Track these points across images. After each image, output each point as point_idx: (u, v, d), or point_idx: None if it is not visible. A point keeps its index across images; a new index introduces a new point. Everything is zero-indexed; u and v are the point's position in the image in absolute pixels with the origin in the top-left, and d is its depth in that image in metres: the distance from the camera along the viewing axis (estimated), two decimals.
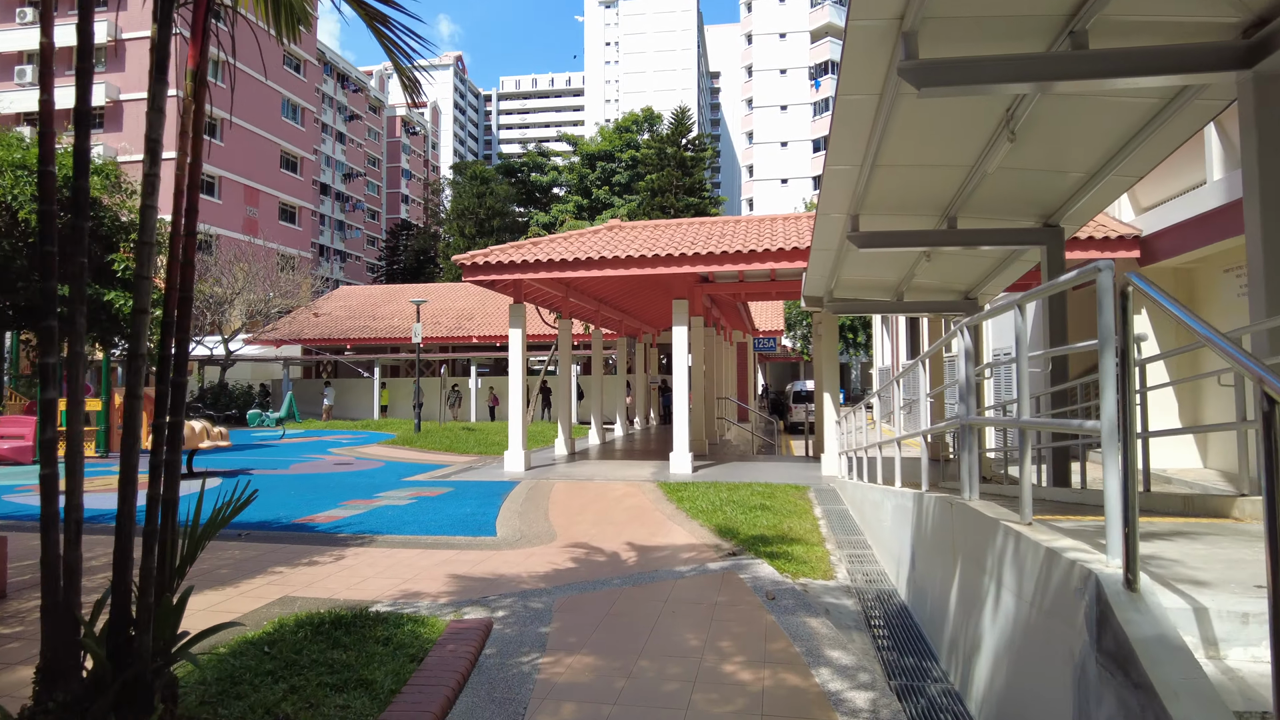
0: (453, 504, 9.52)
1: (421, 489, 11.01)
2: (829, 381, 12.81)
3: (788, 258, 12.28)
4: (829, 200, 7.54)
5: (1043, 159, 6.57)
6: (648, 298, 20.78)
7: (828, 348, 13.05)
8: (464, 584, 5.70)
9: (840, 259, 9.41)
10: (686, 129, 47.12)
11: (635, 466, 13.77)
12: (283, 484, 11.64)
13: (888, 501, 6.30)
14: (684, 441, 12.99)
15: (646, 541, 7.20)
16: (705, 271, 12.78)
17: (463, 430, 21.20)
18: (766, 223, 14.56)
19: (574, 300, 17.04)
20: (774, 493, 10.24)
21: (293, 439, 20.61)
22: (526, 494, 10.39)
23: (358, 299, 36.99)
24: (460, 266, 13.24)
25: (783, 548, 6.90)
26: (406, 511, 8.93)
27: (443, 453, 16.95)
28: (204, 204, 38.48)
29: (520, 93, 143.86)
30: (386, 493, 10.63)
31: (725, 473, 12.87)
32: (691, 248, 12.59)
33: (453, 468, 14.04)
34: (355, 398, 31.78)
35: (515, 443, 13.53)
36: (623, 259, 12.68)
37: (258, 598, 5.33)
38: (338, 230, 72.10)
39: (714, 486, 10.73)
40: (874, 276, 10.57)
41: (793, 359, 54.74)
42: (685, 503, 9.31)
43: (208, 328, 29.54)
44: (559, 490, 10.78)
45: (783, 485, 11.13)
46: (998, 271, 9.74)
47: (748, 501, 9.23)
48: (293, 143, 46.10)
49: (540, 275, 13.01)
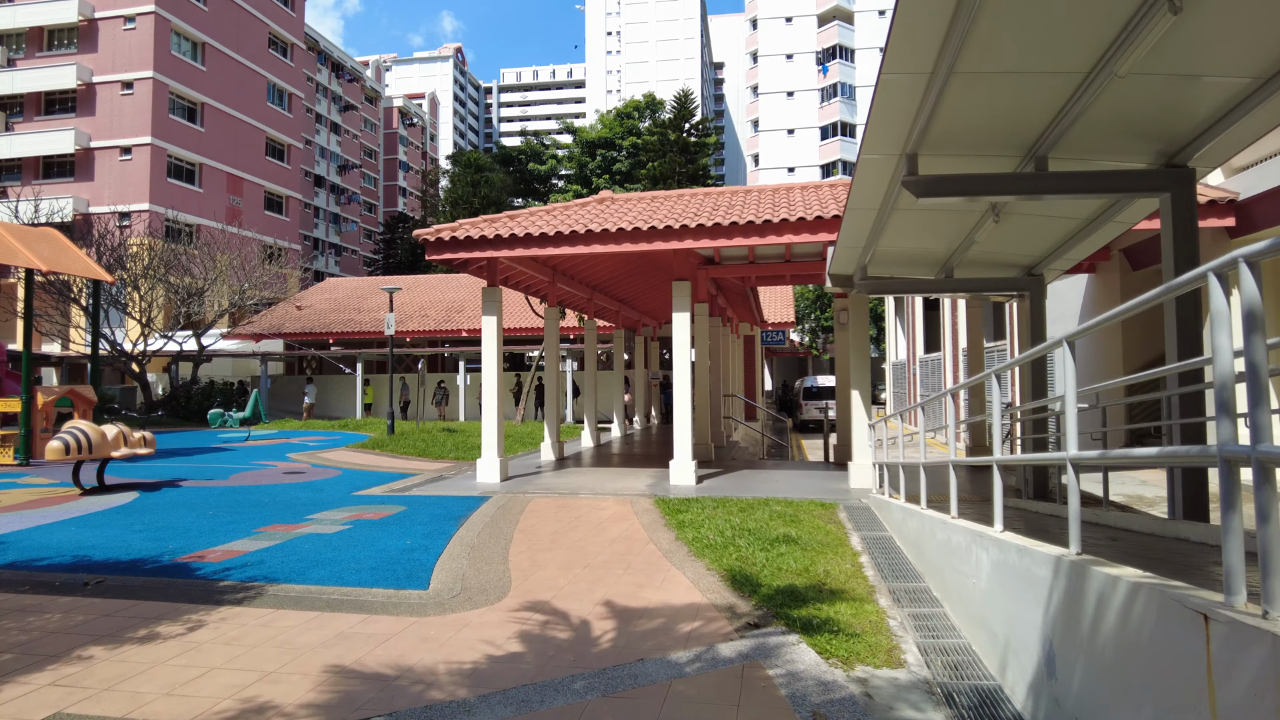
0: (393, 532, 7.56)
1: (366, 508, 9.05)
2: (858, 377, 10.83)
3: (808, 229, 10.29)
4: (878, 133, 5.54)
5: (1186, 58, 4.56)
6: (646, 283, 18.79)
7: (857, 337, 11.05)
8: (345, 687, 3.74)
9: (882, 222, 7.41)
10: (690, 112, 45.02)
11: (630, 476, 11.81)
12: (205, 500, 9.71)
13: (981, 553, 4.32)
14: (686, 447, 11.02)
15: (633, 599, 5.23)
16: (710, 248, 10.81)
17: (443, 432, 19.26)
18: (781, 192, 12.55)
19: (563, 286, 15.06)
20: (797, 514, 8.26)
21: (260, 440, 18.71)
22: (491, 516, 8.43)
23: (343, 291, 35.09)
24: (423, 244, 11.28)
25: (822, 608, 4.93)
26: (328, 544, 6.98)
27: (414, 458, 15.01)
28: (183, 192, 36.61)
29: (520, 85, 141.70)
30: (322, 514, 8.69)
31: (735, 484, 10.90)
32: (695, 219, 10.62)
33: (419, 478, 12.10)
34: (339, 396, 29.87)
35: (489, 449, 11.58)
36: (613, 233, 10.70)
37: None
38: (333, 224, 70.27)
39: (722, 505, 8.75)
40: (920, 246, 8.57)
41: (800, 354, 52.72)
42: (687, 530, 7.34)
43: (180, 321, 27.64)
44: (533, 510, 8.81)
45: (806, 503, 9.14)
46: (1082, 236, 7.73)
47: (767, 529, 7.25)
48: (279, 129, 44.14)
49: (518, 253, 11.04)
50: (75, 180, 35.15)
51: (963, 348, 24.57)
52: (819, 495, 9.84)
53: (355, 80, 74.40)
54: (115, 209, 32.92)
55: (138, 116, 34.81)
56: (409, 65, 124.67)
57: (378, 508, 9.09)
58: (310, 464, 13.94)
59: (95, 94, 35.24)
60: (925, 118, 5.18)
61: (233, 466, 13.56)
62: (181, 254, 27.64)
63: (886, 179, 6.41)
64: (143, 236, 28.94)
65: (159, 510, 8.93)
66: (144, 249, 26.83)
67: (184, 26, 36.48)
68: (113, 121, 35.04)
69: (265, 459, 14.77)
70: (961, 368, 24.49)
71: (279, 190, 44.14)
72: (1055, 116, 5.35)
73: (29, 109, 35.89)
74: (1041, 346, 3.61)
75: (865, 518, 8.50)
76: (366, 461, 14.40)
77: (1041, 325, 9.12)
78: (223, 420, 19.09)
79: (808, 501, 9.24)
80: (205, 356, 27.79)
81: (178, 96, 36.55)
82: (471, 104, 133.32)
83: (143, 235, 29.14)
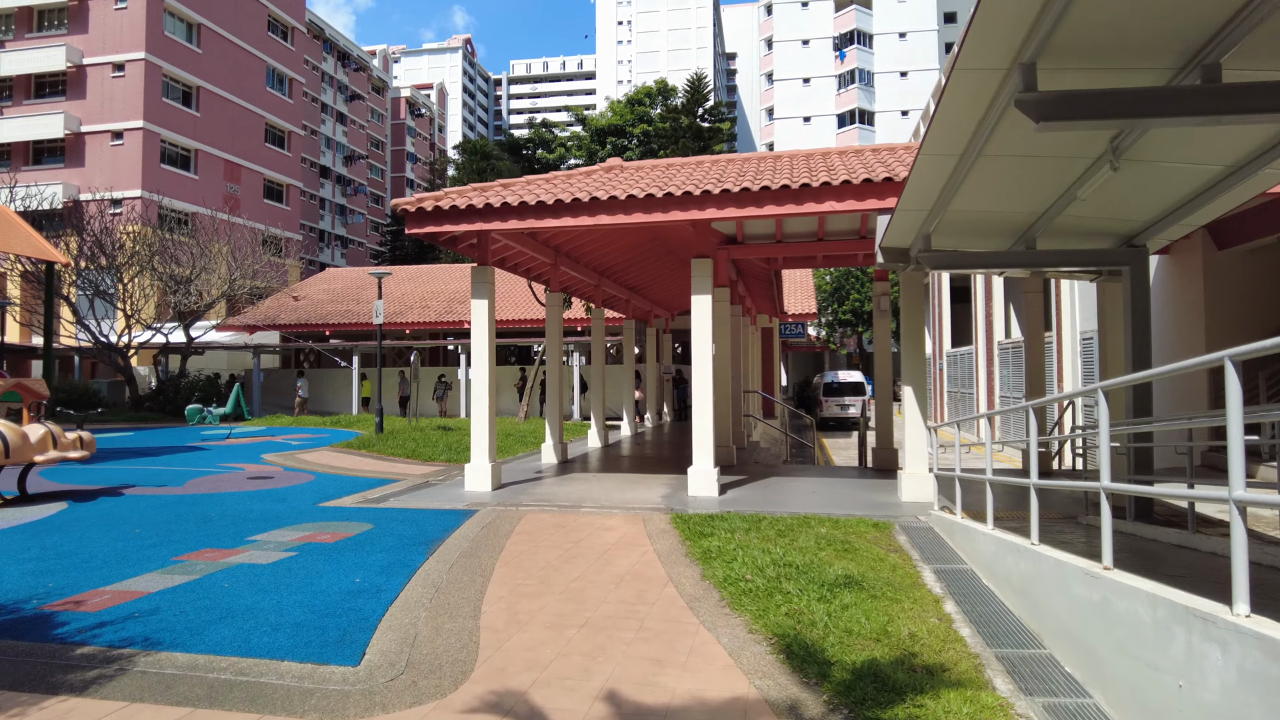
0: (344, 563, 6.01)
1: (325, 526, 7.52)
2: (911, 371, 9.18)
3: (853, 195, 8.67)
4: (984, 35, 3.92)
5: None
6: (659, 269, 17.19)
7: (910, 324, 9.38)
8: None
9: (962, 172, 5.77)
10: (704, 96, 43.28)
11: (641, 484, 10.24)
12: (138, 515, 8.21)
13: (1207, 648, 2.70)
14: (707, 451, 9.42)
15: (649, 687, 3.65)
16: (735, 218, 9.20)
17: (438, 430, 17.74)
18: (816, 157, 10.90)
19: (567, 270, 13.48)
20: (850, 540, 6.66)
21: (241, 438, 17.27)
22: (472, 540, 6.87)
23: (342, 282, 33.65)
24: (403, 215, 9.72)
25: (925, 704, 3.34)
26: (255, 583, 5.44)
27: (402, 460, 13.49)
28: (178, 179, 35.25)
29: (530, 76, 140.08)
30: (269, 534, 7.16)
31: (764, 495, 9.30)
32: (718, 184, 9.02)
33: (400, 485, 10.57)
34: (335, 390, 28.47)
35: (479, 452, 10.03)
36: (623, 201, 9.11)
37: None
38: (339, 215, 69.01)
39: (755, 525, 7.15)
40: (1000, 207, 6.92)
41: (817, 348, 50.88)
42: (716, 564, 5.76)
43: (172, 312, 26.24)
44: (525, 531, 7.25)
45: (854, 522, 7.54)
46: (1216, 191, 6.06)
47: (818, 564, 5.65)
48: (279, 115, 42.74)
49: (511, 225, 9.47)
50: (66, 166, 33.87)
51: (998, 341, 22.84)
52: (867, 511, 8.23)
53: (362, 70, 72.98)
54: (106, 196, 31.54)
55: (129, 100, 33.45)
56: (418, 57, 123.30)
57: (339, 526, 7.55)
58: (284, 467, 12.43)
59: (86, 76, 33.90)
60: (1057, 10, 3.59)
61: (196, 470, 12.07)
62: (169, 241, 26.22)
63: (984, 104, 4.78)
64: (125, 223, 27.56)
65: (74, 529, 7.42)
66: (128, 236, 25.45)
67: (177, 6, 35.08)
68: (104, 105, 33.69)
69: (236, 461, 13.29)
70: (996, 363, 22.76)
71: (279, 178, 42.75)
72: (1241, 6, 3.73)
73: (17, 92, 34.59)
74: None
75: (931, 543, 6.89)
76: (347, 464, 12.90)
77: (1144, 311, 7.45)
78: (201, 417, 17.64)
79: (856, 520, 7.63)
80: (194, 349, 26.41)
81: (171, 79, 35.17)
82: (481, 95, 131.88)
83: (126, 223, 27.76)
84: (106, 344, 24.78)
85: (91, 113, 33.82)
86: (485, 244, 10.24)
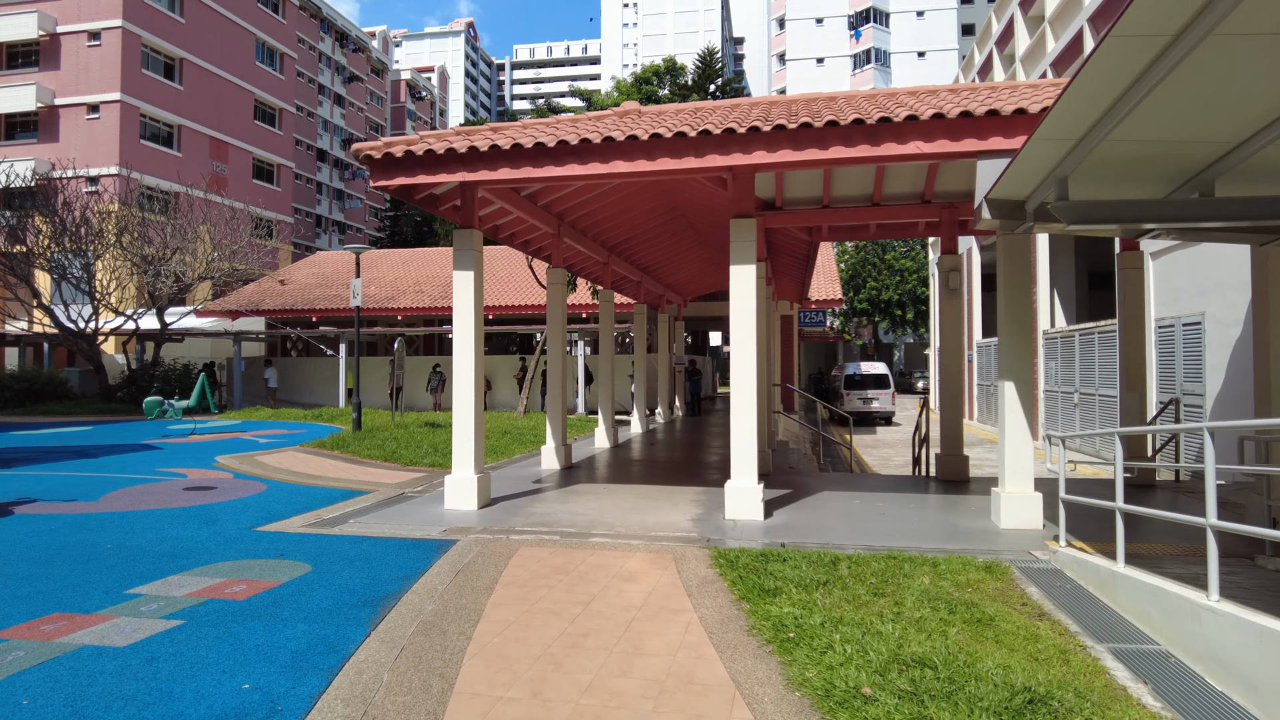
0: (241, 646, 4.04)
1: (244, 569, 5.55)
2: (1013, 361, 7.15)
3: (945, 132, 6.65)
4: None
5: None
6: (675, 245, 15.16)
7: (1013, 299, 7.31)
8: None
9: (1164, 66, 3.74)
10: (716, 73, 41.03)
11: (664, 500, 8.26)
12: (6, 545, 6.26)
13: None
14: (749, 462, 7.40)
15: None
16: (788, 163, 7.16)
17: (425, 427, 15.77)
18: (881, 97, 8.75)
19: (571, 243, 11.46)
20: (975, 603, 4.67)
21: (206, 434, 15.34)
22: (437, 602, 4.87)
23: (333, 265, 31.67)
24: (366, 164, 7.70)
25: None
26: (80, 693, 3.47)
27: (378, 465, 11.53)
28: (160, 156, 33.22)
29: (534, 61, 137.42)
30: (162, 582, 5.20)
31: (819, 517, 7.31)
32: (767, 121, 7.00)
33: (367, 499, 8.61)
34: (322, 380, 26.49)
35: (463, 461, 8.05)
36: (643, 142, 7.09)
37: None
38: (336, 200, 67.01)
39: (833, 574, 5.16)
40: (1189, 131, 4.87)
41: (830, 338, 48.74)
42: (804, 661, 3.75)
43: (149, 296, 24.24)
44: (511, 583, 5.26)
45: (955, 562, 5.55)
46: None
47: (962, 662, 3.63)
48: (270, 91, 40.62)
49: (503, 175, 7.45)
50: (39, 141, 31.83)
51: (1043, 330, 20.78)
52: (963, 544, 6.26)
53: (360, 51, 70.74)
54: (81, 173, 29.48)
55: (106, 70, 31.37)
56: (419, 40, 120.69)
57: (266, 567, 5.58)
58: (234, 473, 10.47)
59: (60, 45, 31.81)
60: None
61: (127, 478, 10.12)
62: (139, 219, 24.19)
63: None
64: (101, 202, 25.55)
65: None
66: (94, 213, 23.46)
67: None
68: (79, 76, 31.62)
69: (183, 465, 11.34)
70: (1041, 354, 20.70)
71: (269, 157, 40.68)
72: None
73: None
74: None
75: (1077, 600, 4.92)
76: (311, 469, 10.93)
77: None
78: (161, 410, 15.70)
79: (958, 561, 5.65)
80: (168, 335, 24.45)
81: (152, 50, 33.07)
82: (484, 80, 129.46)
83: (102, 201, 25.75)
84: (71, 330, 22.84)
85: (66, 84, 31.75)
86: (471, 201, 8.22)
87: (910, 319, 45.92)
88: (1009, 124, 6.62)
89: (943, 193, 10.15)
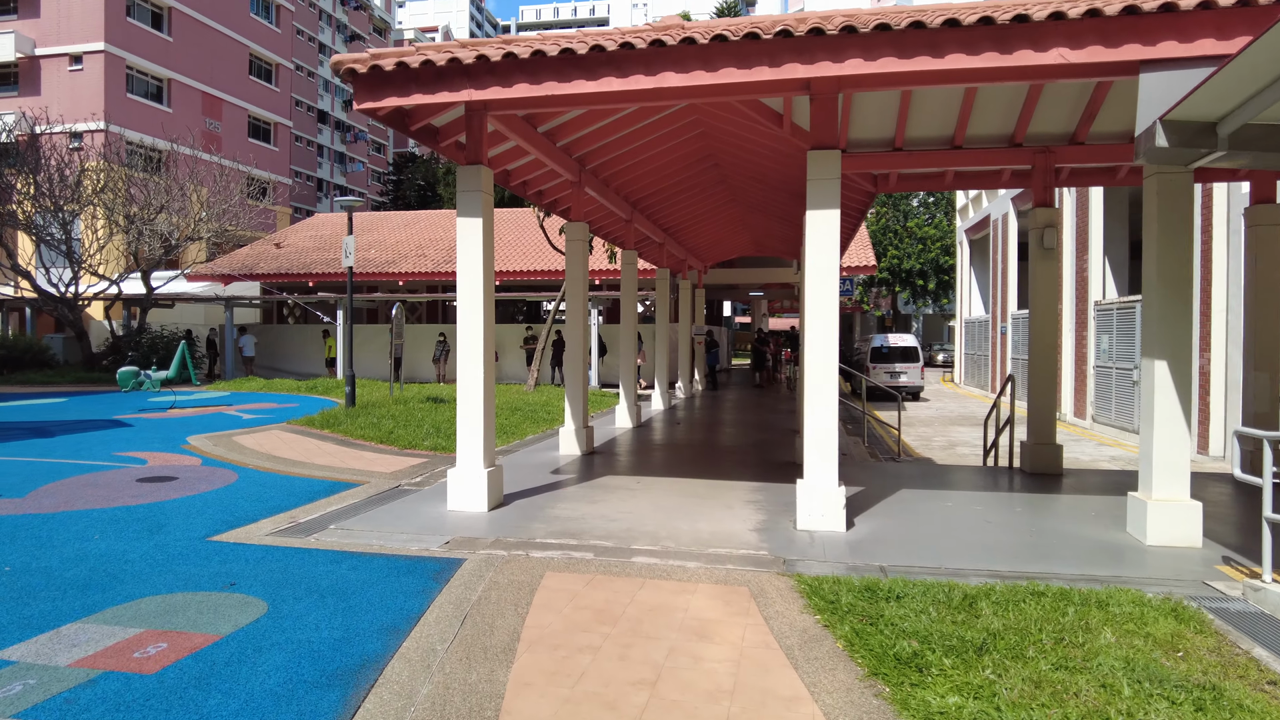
0: None
1: (175, 610, 4.13)
2: (1166, 332, 5.59)
3: (1098, 35, 5.03)
4: None
5: None
6: (706, 201, 13.54)
7: (1171, 255, 5.69)
8: None
9: None
10: None
11: (714, 499, 6.79)
12: None
13: None
14: (829, 458, 5.88)
15: None
16: (889, 74, 5.55)
17: (426, 403, 14.30)
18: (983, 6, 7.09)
19: (592, 194, 9.86)
20: (1221, 690, 3.20)
21: (185, 409, 13.94)
22: (437, 684, 3.41)
23: (331, 228, 30.07)
24: (349, 80, 6.11)
25: None
26: None
27: (373, 447, 10.09)
28: (149, 111, 31.42)
29: (541, 23, 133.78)
30: (51, 636, 3.78)
31: (914, 527, 5.84)
32: (866, 23, 5.39)
33: (355, 494, 7.17)
34: (316, 349, 25.08)
35: (470, 450, 6.56)
36: (703, 45, 5.51)
37: None
38: (338, 163, 65.02)
39: (985, 630, 3.69)
40: None
41: (847, 309, 47.04)
42: None
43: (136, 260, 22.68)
44: (538, 640, 3.80)
45: (1124, 600, 4.08)
46: None
47: None
48: (265, 45, 38.59)
49: (518, 93, 5.86)
50: (19, 95, 30.05)
51: (1095, 301, 19.08)
52: (1109, 569, 4.83)
53: (362, 8, 68.21)
54: (64, 128, 27.76)
55: (89, 18, 29.46)
56: (423, 1, 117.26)
57: (206, 605, 4.14)
58: (203, 459, 9.03)
59: None
60: None
61: (75, 464, 8.68)
62: (120, 176, 22.53)
63: None
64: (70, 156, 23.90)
65: None
66: (70, 170, 21.84)
67: None
68: (60, 24, 29.72)
69: (146, 447, 9.89)
70: (1092, 327, 19.03)
71: (265, 115, 38.78)
72: None
73: None
74: None
75: None
76: (295, 453, 9.48)
77: None
78: (137, 381, 14.26)
79: (1125, 597, 4.19)
80: (154, 300, 22.95)
81: None
82: None
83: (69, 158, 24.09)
84: (52, 295, 21.36)
85: (47, 33, 29.87)
86: (479, 131, 6.62)
87: (932, 289, 44.15)
88: (1185, 23, 4.99)
89: (1036, 135, 8.52)
